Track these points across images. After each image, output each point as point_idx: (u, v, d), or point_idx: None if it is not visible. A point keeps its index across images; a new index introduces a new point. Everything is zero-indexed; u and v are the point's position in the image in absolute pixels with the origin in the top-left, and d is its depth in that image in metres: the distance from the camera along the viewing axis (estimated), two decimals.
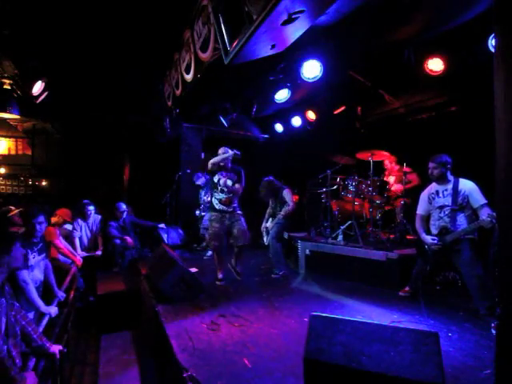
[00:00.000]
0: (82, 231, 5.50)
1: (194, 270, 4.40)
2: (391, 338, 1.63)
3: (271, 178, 4.89)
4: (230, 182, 4.20)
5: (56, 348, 2.22)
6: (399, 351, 1.58)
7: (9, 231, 2.74)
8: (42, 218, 3.15)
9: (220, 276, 4.23)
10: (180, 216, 7.05)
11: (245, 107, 6.59)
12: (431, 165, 3.27)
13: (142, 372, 3.18)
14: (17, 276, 2.71)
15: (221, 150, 4.28)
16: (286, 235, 5.49)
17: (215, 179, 4.22)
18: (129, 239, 5.66)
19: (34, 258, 3.10)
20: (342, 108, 6.15)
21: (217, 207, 4.19)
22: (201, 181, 6.11)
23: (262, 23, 2.50)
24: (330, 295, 3.82)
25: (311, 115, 6.75)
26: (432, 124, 5.44)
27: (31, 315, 2.82)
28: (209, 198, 5.96)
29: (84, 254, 5.25)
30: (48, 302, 3.13)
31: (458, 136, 4.75)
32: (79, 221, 5.48)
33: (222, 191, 4.17)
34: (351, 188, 4.98)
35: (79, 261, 4.70)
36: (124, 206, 5.89)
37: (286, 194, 4.73)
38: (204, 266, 5.01)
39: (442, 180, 3.24)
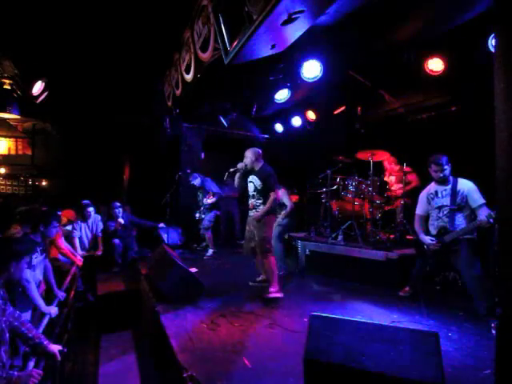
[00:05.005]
0: (82, 232, 5.49)
1: (193, 270, 4.39)
2: (391, 338, 1.63)
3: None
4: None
5: (55, 348, 2.22)
6: (399, 351, 1.58)
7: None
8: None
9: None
10: (180, 216, 7.05)
11: (245, 107, 6.59)
12: (436, 167, 3.19)
13: (142, 372, 3.18)
14: None
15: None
16: (286, 235, 5.50)
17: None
18: (120, 221, 5.64)
19: (37, 258, 3.11)
20: (342, 108, 6.15)
21: None
22: (197, 181, 6.07)
23: (262, 23, 2.50)
24: (330, 295, 3.82)
25: (311, 115, 6.75)
26: (432, 124, 5.43)
27: (28, 315, 2.82)
28: (208, 201, 5.97)
29: (84, 253, 5.26)
30: (48, 302, 3.13)
31: (458, 136, 4.75)
32: (79, 221, 5.48)
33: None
34: (351, 188, 4.97)
35: (79, 261, 4.70)
36: (118, 204, 5.86)
37: (282, 194, 4.74)
38: (204, 266, 5.01)
39: (445, 180, 3.23)
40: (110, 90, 6.59)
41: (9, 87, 5.52)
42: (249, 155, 3.92)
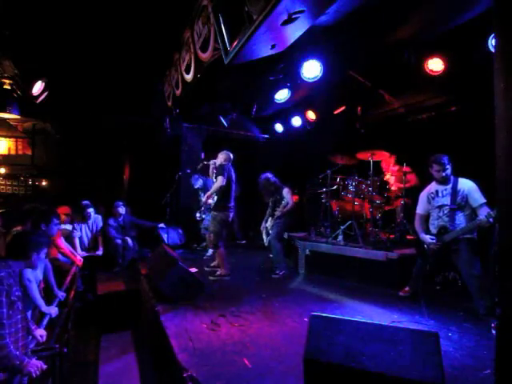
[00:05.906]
0: (82, 232, 5.50)
1: (193, 269, 4.39)
2: (391, 338, 1.63)
3: (268, 174, 4.86)
4: None
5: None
6: (399, 351, 1.58)
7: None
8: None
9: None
10: (180, 216, 7.04)
11: (245, 107, 6.59)
12: (438, 167, 3.19)
13: (142, 372, 3.18)
14: (22, 274, 2.71)
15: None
16: (285, 235, 5.50)
17: None
18: (129, 241, 5.65)
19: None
20: (342, 108, 6.15)
21: None
22: (199, 183, 6.06)
23: (262, 23, 2.50)
24: (330, 295, 3.82)
25: (311, 115, 6.75)
26: (432, 124, 5.43)
27: (28, 315, 2.82)
28: (210, 201, 5.96)
29: (84, 253, 5.26)
30: (48, 302, 3.13)
31: (457, 136, 4.75)
32: (79, 222, 5.48)
33: None
34: (351, 188, 4.97)
35: (79, 261, 4.70)
36: (121, 203, 5.88)
37: (286, 193, 4.74)
38: (204, 266, 5.01)
39: (446, 180, 3.23)
40: (110, 90, 6.59)
41: (9, 87, 5.50)
42: (220, 156, 4.49)
